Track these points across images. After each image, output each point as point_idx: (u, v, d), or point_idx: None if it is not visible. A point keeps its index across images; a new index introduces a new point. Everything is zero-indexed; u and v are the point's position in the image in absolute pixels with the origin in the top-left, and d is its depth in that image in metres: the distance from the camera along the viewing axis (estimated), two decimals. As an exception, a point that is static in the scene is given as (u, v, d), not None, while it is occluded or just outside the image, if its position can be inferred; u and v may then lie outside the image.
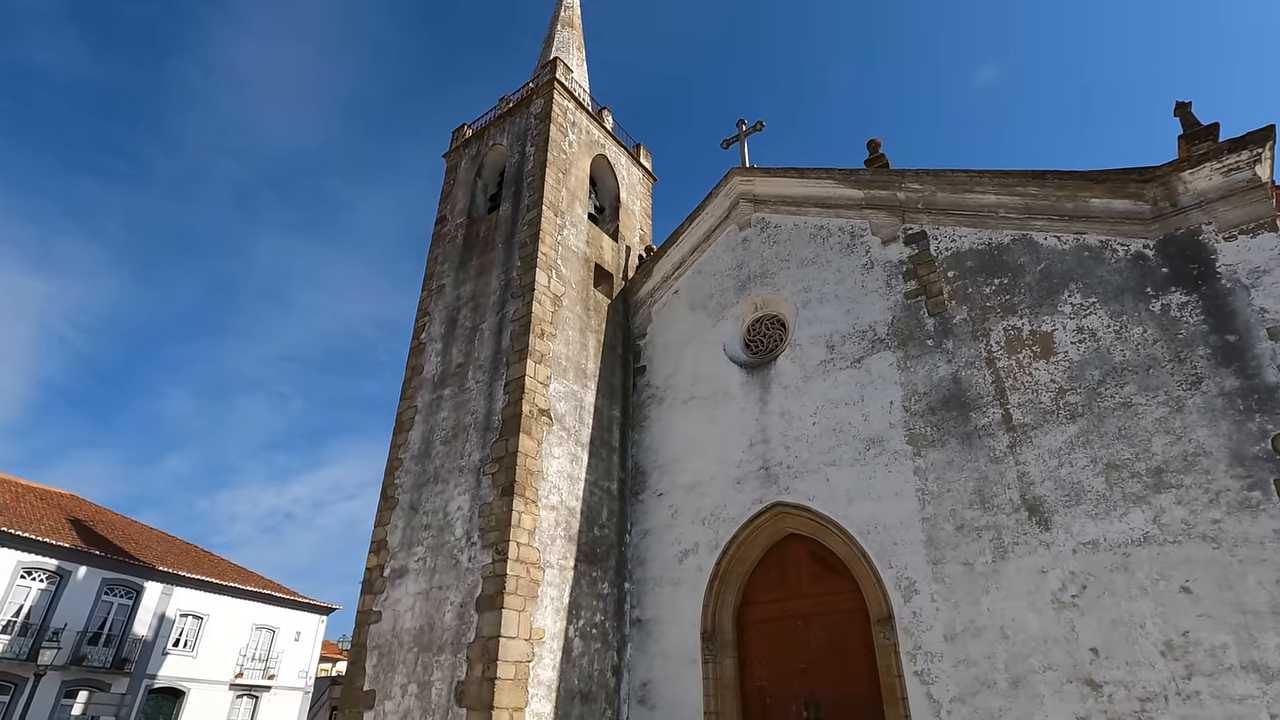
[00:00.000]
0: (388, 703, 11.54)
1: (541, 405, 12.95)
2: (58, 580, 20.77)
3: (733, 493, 12.89)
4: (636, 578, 13.51)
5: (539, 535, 11.91)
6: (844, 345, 12.71)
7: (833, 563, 11.60)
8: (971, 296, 11.61)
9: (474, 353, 14.24)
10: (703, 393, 14.32)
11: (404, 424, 14.77)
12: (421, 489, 13.41)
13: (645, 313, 16.42)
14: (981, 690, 9.26)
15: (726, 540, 12.58)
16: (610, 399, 14.89)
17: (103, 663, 21.34)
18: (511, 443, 12.28)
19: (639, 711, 12.34)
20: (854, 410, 12.03)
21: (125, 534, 25.49)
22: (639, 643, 12.91)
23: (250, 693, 26.21)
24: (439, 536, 12.47)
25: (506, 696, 10.32)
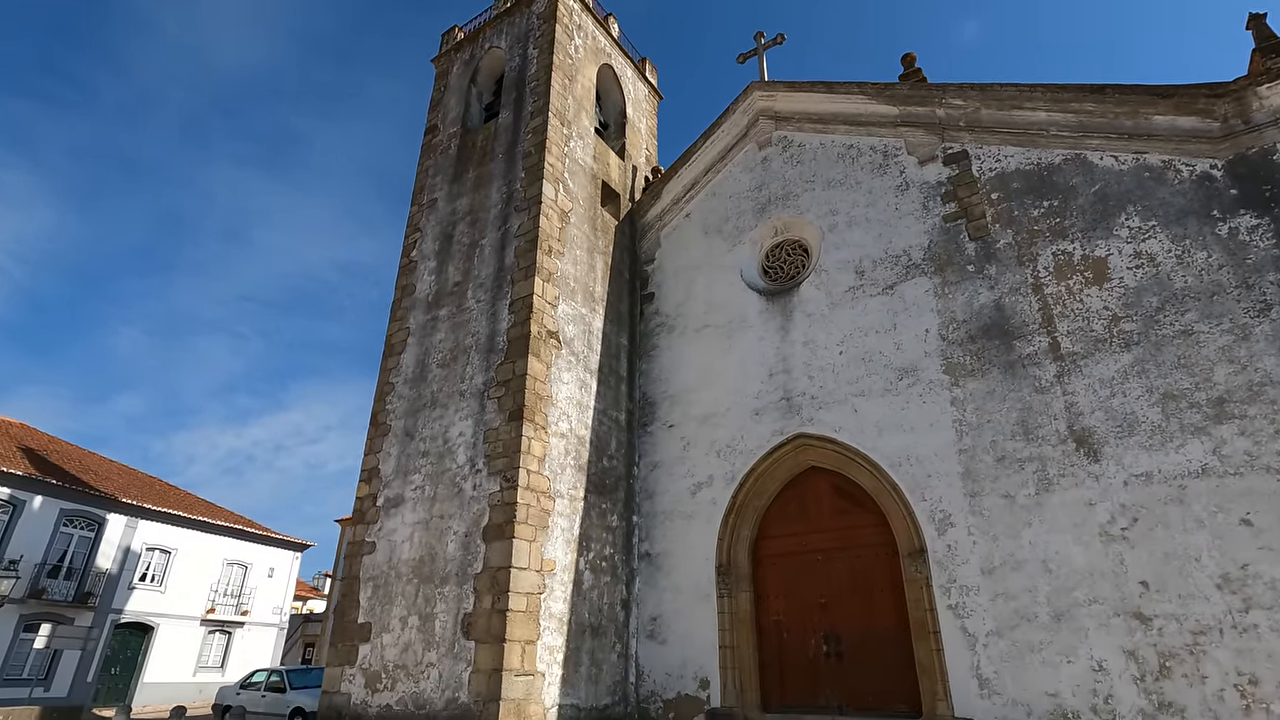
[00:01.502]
0: (386, 635, 10.85)
1: (550, 327, 12.01)
2: (10, 510, 19.45)
3: (750, 424, 12.26)
4: (645, 511, 12.92)
5: (549, 463, 11.15)
6: (875, 271, 11.97)
7: (858, 496, 11.12)
8: (1017, 220, 10.90)
9: (473, 270, 13.15)
10: (717, 321, 13.53)
11: (394, 347, 13.71)
12: (417, 414, 12.48)
13: (653, 237, 15.42)
14: (1021, 624, 8.93)
15: (744, 473, 12.00)
16: (618, 326, 14.01)
17: (64, 596, 20.27)
18: (519, 365, 11.37)
19: (648, 646, 11.90)
20: (885, 339, 11.38)
21: (83, 464, 24.05)
22: (648, 577, 12.40)
23: (223, 628, 25.45)
24: (439, 464, 11.62)
25: (519, 629, 9.70)
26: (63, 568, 20.77)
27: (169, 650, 23.48)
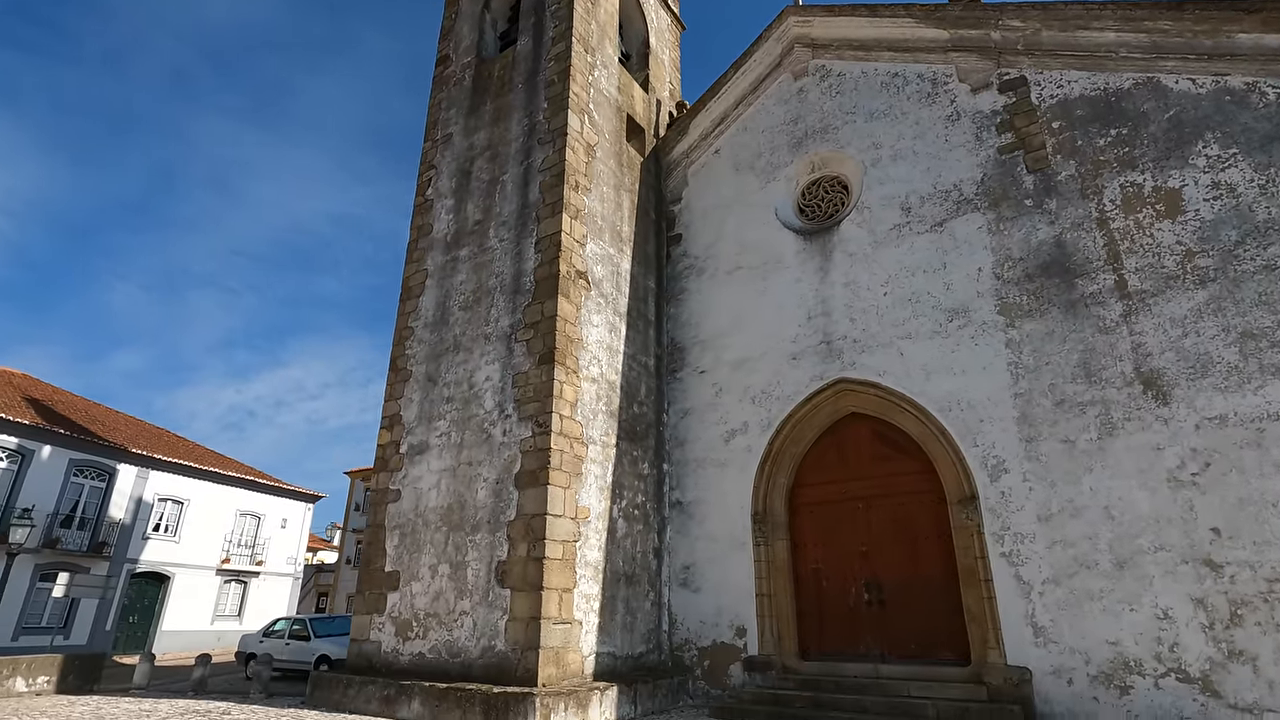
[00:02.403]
0: (415, 584, 10.57)
1: (579, 267, 11.41)
2: (19, 459, 19.12)
3: (787, 369, 11.77)
4: (675, 459, 12.54)
5: (581, 409, 10.70)
6: (922, 207, 11.30)
7: (901, 442, 10.70)
8: (1081, 150, 10.19)
9: (495, 208, 12.46)
10: (750, 263, 12.91)
11: (412, 290, 13.12)
12: (439, 359, 11.97)
13: (680, 175, 14.66)
14: (1080, 571, 8.60)
15: (780, 419, 11.57)
16: (645, 268, 13.40)
17: (78, 546, 20.13)
18: (548, 306, 10.81)
19: (681, 594, 11.67)
20: (934, 278, 10.80)
21: (89, 415, 23.67)
22: (679, 525, 12.10)
23: (238, 578, 25.49)
24: (465, 409, 11.17)
25: (555, 577, 9.39)
26: (75, 518, 20.59)
27: (186, 599, 23.53)
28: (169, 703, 10.81)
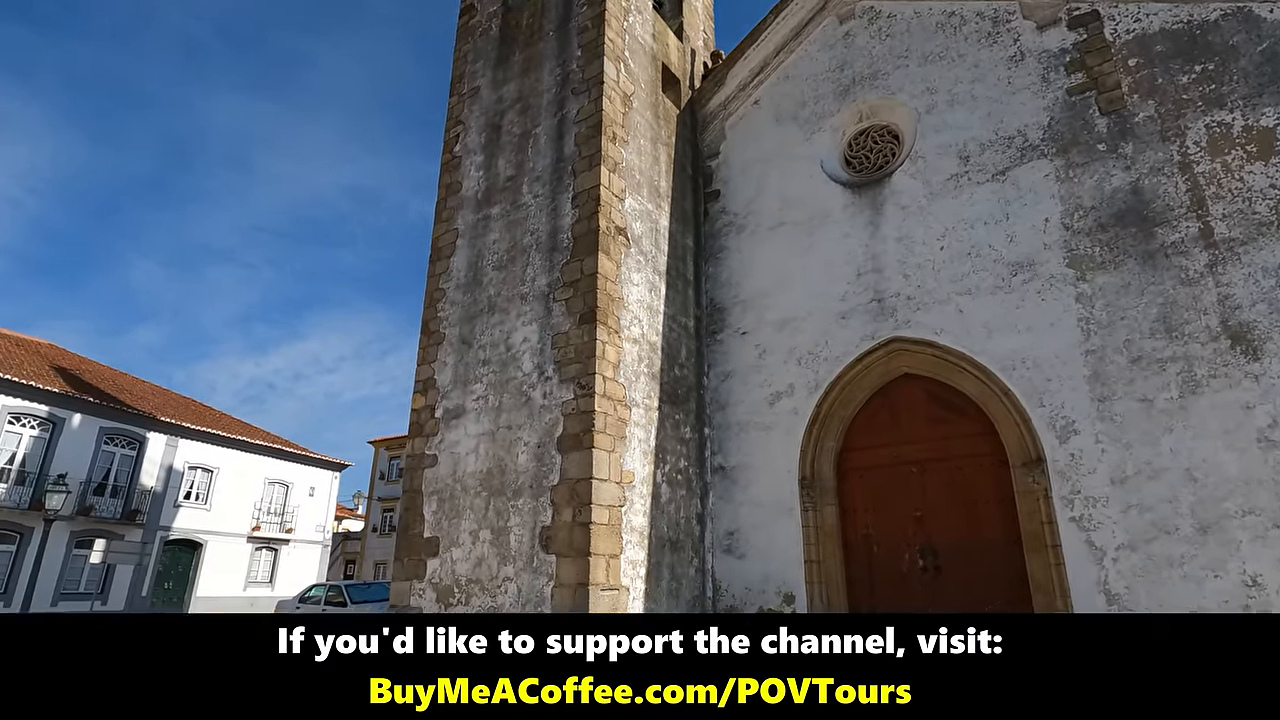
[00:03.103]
0: (455, 550, 10.34)
1: (618, 223, 10.90)
2: (50, 428, 19.15)
3: (836, 329, 11.26)
4: (717, 423, 12.14)
5: (623, 370, 10.30)
6: (982, 155, 10.64)
7: (959, 404, 10.22)
8: (1161, 89, 9.47)
9: (527, 163, 11.94)
10: (794, 218, 12.32)
11: (442, 250, 12.69)
12: (473, 321, 11.59)
13: (717, 128, 14.01)
14: (1159, 537, 8.14)
15: (829, 381, 11.10)
16: (684, 225, 12.86)
17: (112, 513, 20.27)
18: (588, 263, 10.35)
19: (725, 560, 11.37)
20: (996, 231, 10.19)
21: (117, 384, 23.69)
22: (722, 491, 11.75)
23: (269, 545, 25.71)
24: (502, 372, 10.81)
25: (602, 542, 9.08)
26: (108, 486, 20.70)
27: (218, 566, 23.77)
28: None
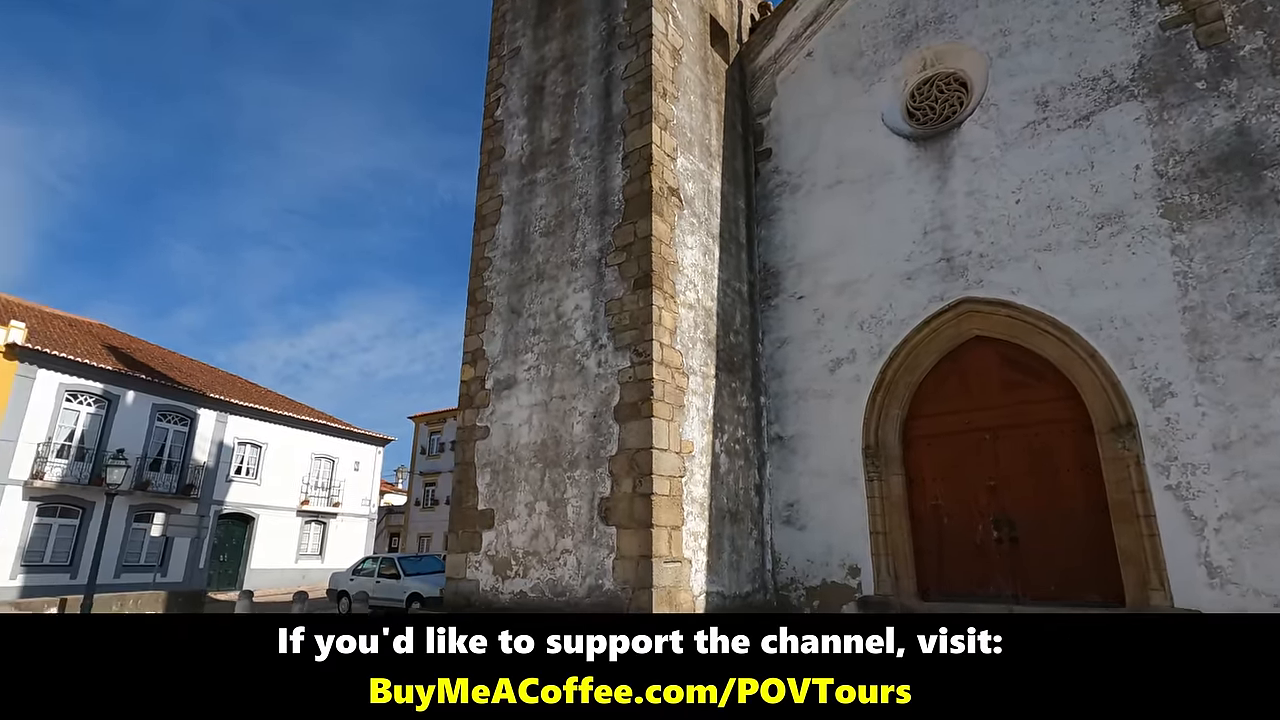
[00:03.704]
0: (511, 522, 10.18)
1: (670, 183, 10.44)
2: (106, 405, 19.57)
3: (900, 291, 10.71)
4: (773, 391, 11.72)
5: (680, 337, 9.92)
6: (1063, 100, 9.88)
7: (1037, 367, 9.64)
8: (1270, 18, 8.61)
9: (573, 124, 11.49)
10: (853, 175, 11.70)
11: (487, 218, 12.37)
12: (522, 289, 11.29)
13: (767, 83, 13.34)
14: (1267, 505, 7.55)
15: (894, 346, 10.58)
16: (735, 186, 12.32)
17: (167, 488, 20.74)
18: (641, 226, 9.93)
19: (785, 532, 11.03)
20: (1079, 181, 9.48)
21: (167, 362, 24.13)
22: (780, 461, 11.37)
23: (317, 519, 26.19)
24: (554, 341, 10.52)
25: (664, 514, 8.81)
26: (162, 461, 21.15)
27: (271, 539, 24.29)
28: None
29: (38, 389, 17.76)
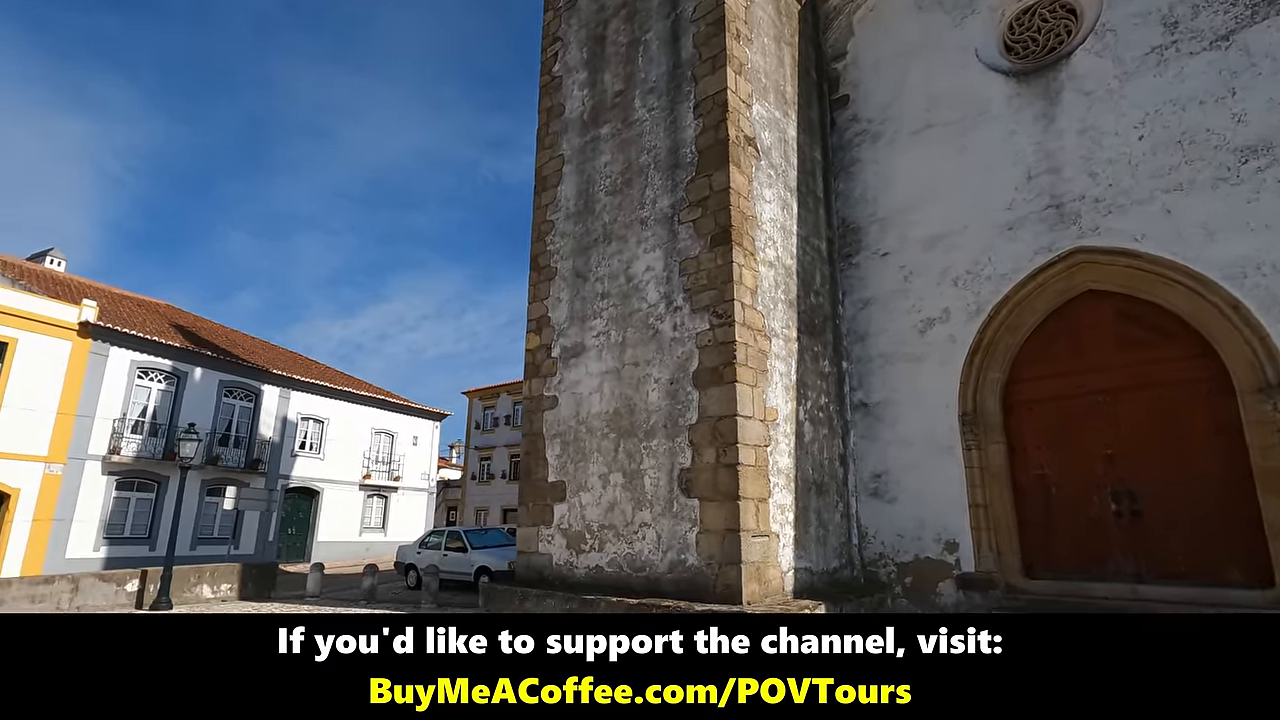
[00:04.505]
0: (584, 494, 9.77)
1: (747, 132, 9.69)
2: (175, 381, 19.98)
3: (1000, 243, 9.79)
4: (856, 356, 10.97)
5: (761, 296, 9.25)
6: (1195, 20, 8.73)
7: (1162, 323, 8.66)
8: None
9: (638, 74, 10.80)
10: (944, 119, 10.73)
11: (548, 179, 11.83)
12: (587, 252, 10.75)
13: (843, 24, 12.36)
14: None
15: (994, 303, 9.70)
16: (811, 137, 11.47)
17: (236, 463, 21.16)
18: (717, 179, 9.24)
19: (872, 505, 10.36)
20: (1217, 110, 8.38)
21: (230, 340, 24.58)
22: (865, 430, 10.66)
23: (379, 493, 26.56)
24: (624, 305, 9.97)
25: (750, 485, 8.24)
26: (230, 436, 21.57)
27: (335, 512, 24.72)
28: (348, 611, 10.76)
29: (111, 366, 18.19)
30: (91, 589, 11.51)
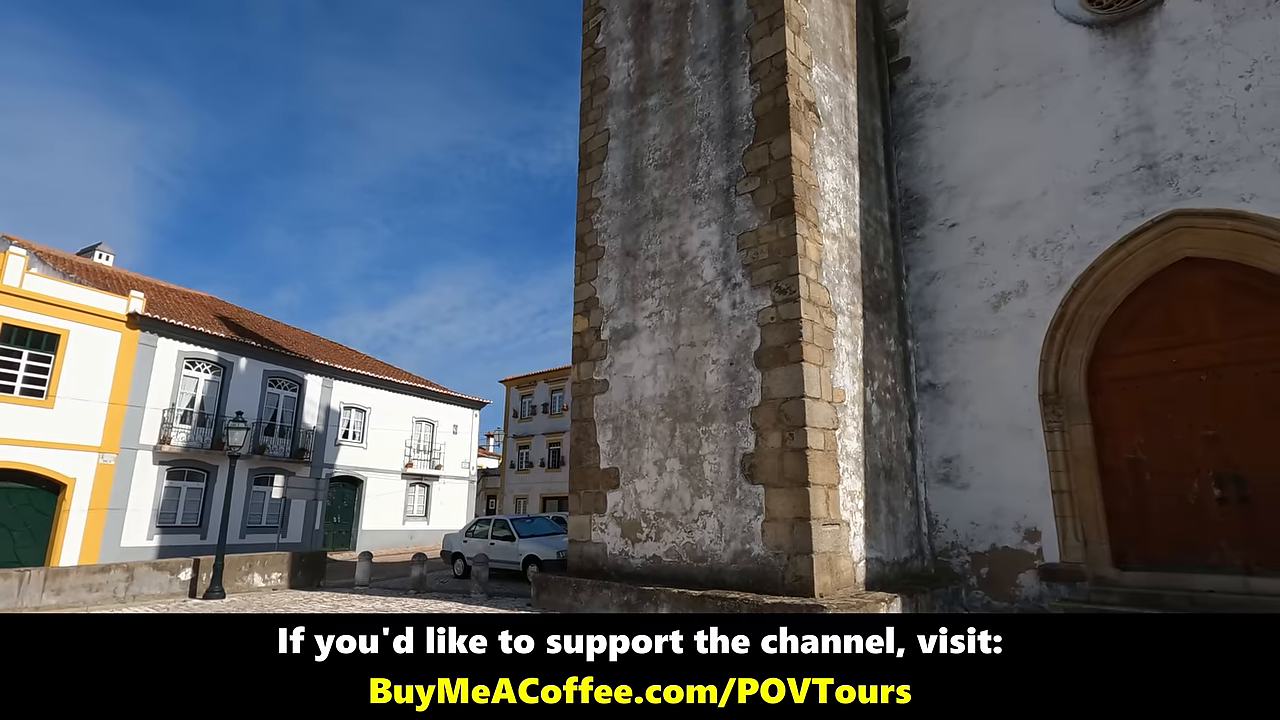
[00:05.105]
0: (639, 481, 9.38)
1: (807, 96, 9.11)
2: (221, 371, 20.15)
3: (1083, 209, 9.06)
4: (922, 334, 10.36)
5: (825, 271, 8.71)
6: (1312, -47, 7.87)
7: (1272, 291, 7.89)
8: None
9: (687, 40, 10.26)
10: (1017, 77, 9.99)
11: (593, 156, 11.39)
12: (637, 229, 10.30)
13: (903, -18, 11.62)
14: None
15: (1077, 274, 9.01)
16: (871, 102, 10.82)
17: (282, 452, 21.33)
18: (777, 146, 8.69)
19: (942, 492, 9.78)
20: (1340, 52, 7.54)
21: (273, 330, 24.79)
22: (933, 412, 10.06)
23: (421, 482, 26.64)
24: (677, 283, 9.51)
25: (819, 471, 7.75)
26: (275, 426, 21.73)
27: (379, 501, 24.85)
28: (400, 600, 10.58)
29: (159, 356, 18.38)
30: (146, 577, 11.55)
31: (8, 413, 15.60)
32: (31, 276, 16.35)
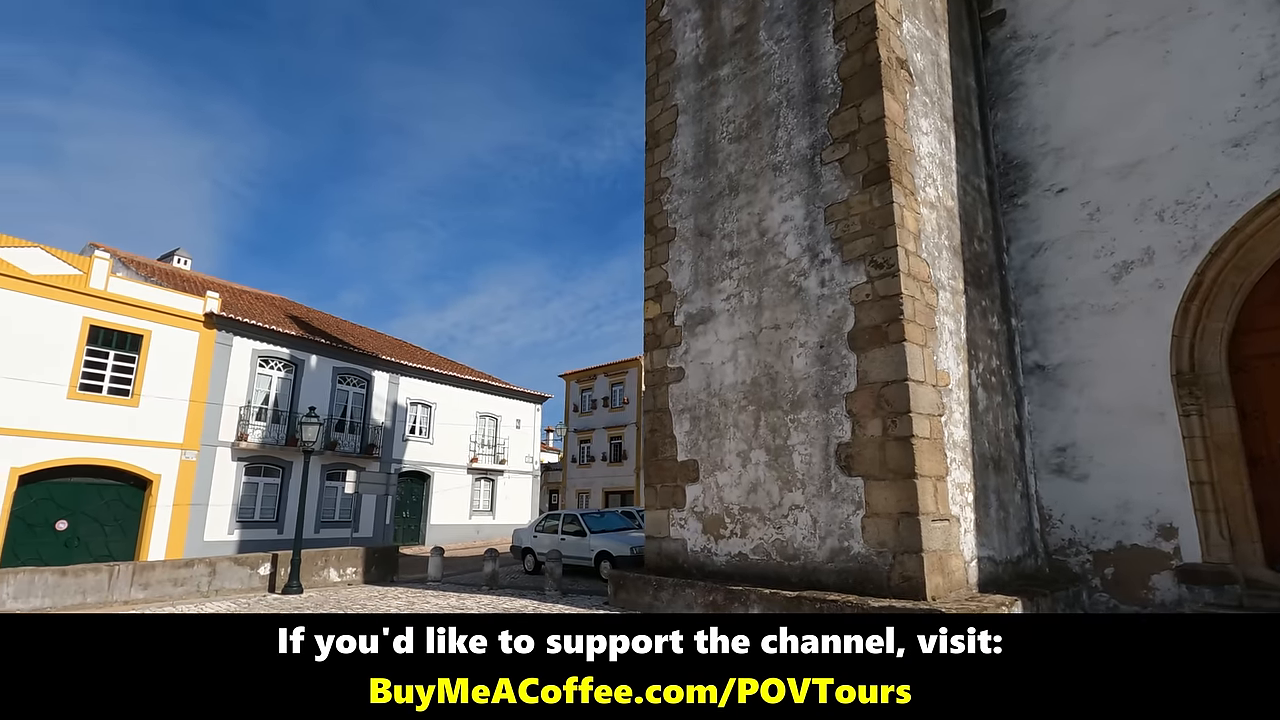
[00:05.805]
0: (720, 474, 8.83)
1: (899, 53, 8.34)
2: (293, 369, 20.54)
3: (1223, 164, 8.01)
4: (1027, 311, 9.45)
5: (924, 243, 7.96)
6: None
7: None
8: None
9: (761, 4, 9.61)
10: (1133, 22, 8.96)
11: (661, 134, 10.85)
12: (711, 208, 9.72)
13: (995, -72, 10.64)
14: None
15: (1216, 238, 7.98)
16: (963, 60, 9.94)
17: (352, 448, 21.64)
18: (868, 108, 7.96)
19: (1055, 483, 8.88)
20: None
21: (341, 329, 25.26)
22: (1043, 396, 9.16)
23: (486, 476, 26.73)
24: (758, 262, 8.90)
25: (926, 461, 7.04)
26: (346, 422, 22.07)
27: (445, 495, 25.03)
28: (474, 598, 10.35)
29: (235, 355, 18.84)
30: (228, 572, 11.68)
31: (97, 412, 16.19)
32: (116, 280, 16.92)
